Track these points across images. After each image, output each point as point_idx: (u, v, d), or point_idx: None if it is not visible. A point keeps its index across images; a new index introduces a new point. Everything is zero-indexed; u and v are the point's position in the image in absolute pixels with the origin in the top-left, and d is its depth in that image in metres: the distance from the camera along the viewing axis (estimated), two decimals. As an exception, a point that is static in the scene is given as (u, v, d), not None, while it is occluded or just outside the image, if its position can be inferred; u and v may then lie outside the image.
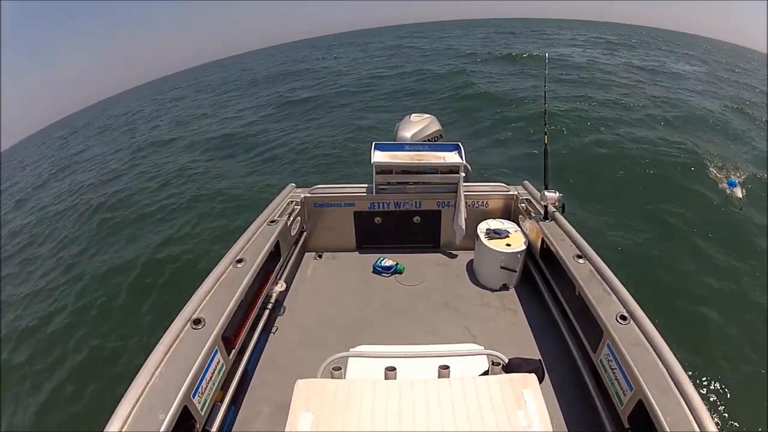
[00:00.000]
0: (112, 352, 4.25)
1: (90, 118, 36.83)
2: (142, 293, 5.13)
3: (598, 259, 2.12)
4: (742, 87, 16.75)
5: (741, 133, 9.96)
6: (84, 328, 4.82)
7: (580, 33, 37.84)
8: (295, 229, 2.96)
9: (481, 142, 9.14)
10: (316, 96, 16.10)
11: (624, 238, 5.32)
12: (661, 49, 28.56)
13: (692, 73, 18.64)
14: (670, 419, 1.29)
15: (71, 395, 3.88)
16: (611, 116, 10.35)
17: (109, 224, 7.75)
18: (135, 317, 4.69)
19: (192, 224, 6.88)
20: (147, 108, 26.73)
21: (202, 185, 8.59)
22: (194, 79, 41.29)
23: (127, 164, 12.31)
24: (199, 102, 22.02)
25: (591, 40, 30.59)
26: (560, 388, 1.99)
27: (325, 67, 25.12)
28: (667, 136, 8.89)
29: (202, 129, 14.24)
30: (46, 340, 4.83)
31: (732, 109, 12.17)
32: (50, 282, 6.32)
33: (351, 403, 1.16)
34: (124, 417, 1.26)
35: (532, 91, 12.37)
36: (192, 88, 31.03)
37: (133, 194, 9.18)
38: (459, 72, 16.57)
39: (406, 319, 2.54)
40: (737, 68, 24.01)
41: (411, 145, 3.14)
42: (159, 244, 6.37)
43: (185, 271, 5.33)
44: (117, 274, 5.73)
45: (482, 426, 1.09)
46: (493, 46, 26.05)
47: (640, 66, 18.88)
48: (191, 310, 1.74)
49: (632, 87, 13.87)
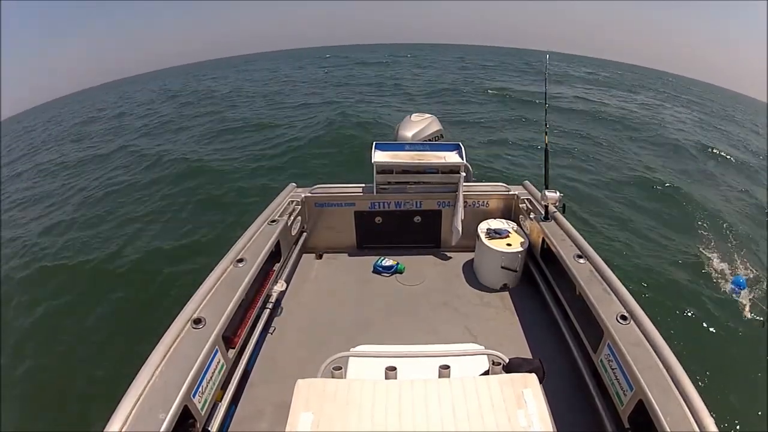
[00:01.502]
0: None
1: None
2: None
3: (598, 259, 2.12)
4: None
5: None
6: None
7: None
8: (295, 228, 2.96)
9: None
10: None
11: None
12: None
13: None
14: (671, 419, 1.29)
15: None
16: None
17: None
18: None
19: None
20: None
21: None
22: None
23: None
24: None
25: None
26: (560, 388, 1.98)
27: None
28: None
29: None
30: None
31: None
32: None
33: (351, 403, 1.16)
34: (125, 416, 1.26)
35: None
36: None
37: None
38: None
39: (407, 318, 2.54)
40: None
41: (412, 145, 3.14)
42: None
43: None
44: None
45: (482, 426, 1.09)
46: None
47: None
48: (191, 309, 1.74)
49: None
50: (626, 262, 5.31)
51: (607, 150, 11.00)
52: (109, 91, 44.60)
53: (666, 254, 5.73)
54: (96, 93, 52.16)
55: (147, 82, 49.06)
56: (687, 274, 5.21)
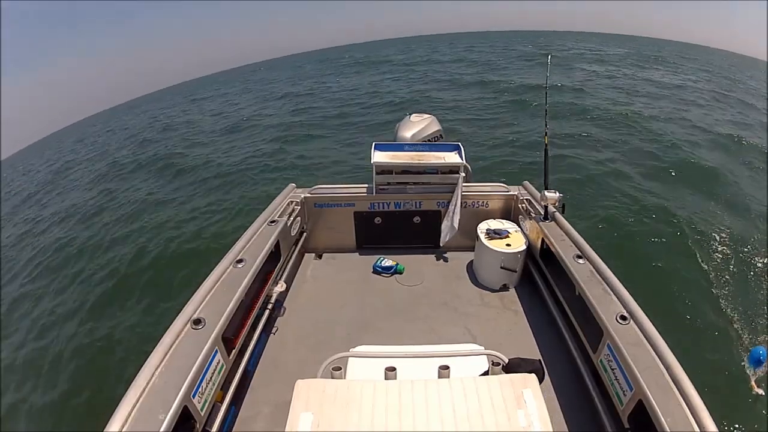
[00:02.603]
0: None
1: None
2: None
3: (598, 260, 2.12)
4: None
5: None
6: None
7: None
8: (295, 229, 2.96)
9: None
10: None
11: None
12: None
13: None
14: (671, 419, 1.29)
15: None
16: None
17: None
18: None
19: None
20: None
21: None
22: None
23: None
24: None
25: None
26: (560, 388, 1.99)
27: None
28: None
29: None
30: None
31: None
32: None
33: (351, 404, 1.16)
34: (124, 417, 1.26)
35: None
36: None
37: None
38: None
39: (406, 319, 2.54)
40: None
41: (411, 145, 3.14)
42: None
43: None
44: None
45: (482, 426, 1.09)
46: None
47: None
48: (191, 310, 1.74)
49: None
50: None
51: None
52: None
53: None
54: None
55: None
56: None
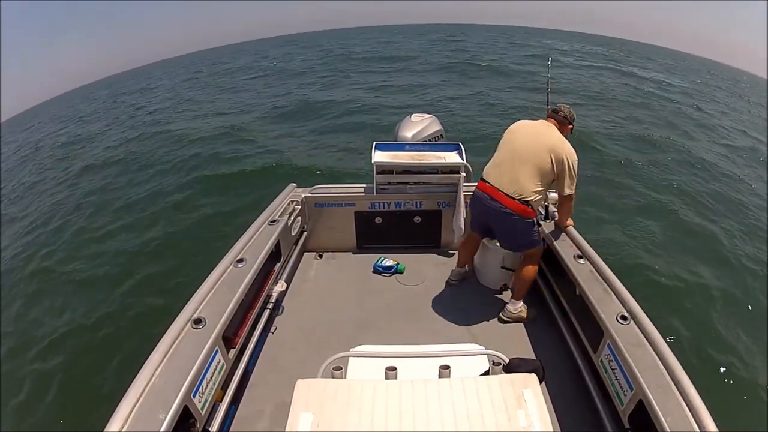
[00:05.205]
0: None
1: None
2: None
3: (598, 259, 2.12)
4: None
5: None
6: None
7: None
8: (295, 228, 2.96)
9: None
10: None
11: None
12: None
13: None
14: (671, 419, 1.29)
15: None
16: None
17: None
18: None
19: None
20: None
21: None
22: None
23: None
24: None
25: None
26: (560, 388, 1.98)
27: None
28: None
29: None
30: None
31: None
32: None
33: (351, 403, 1.16)
34: (125, 417, 1.26)
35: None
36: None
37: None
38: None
39: (407, 319, 2.54)
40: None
41: (412, 145, 3.14)
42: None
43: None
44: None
45: (482, 426, 1.09)
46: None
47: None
48: (192, 309, 1.74)
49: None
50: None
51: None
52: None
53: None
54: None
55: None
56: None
